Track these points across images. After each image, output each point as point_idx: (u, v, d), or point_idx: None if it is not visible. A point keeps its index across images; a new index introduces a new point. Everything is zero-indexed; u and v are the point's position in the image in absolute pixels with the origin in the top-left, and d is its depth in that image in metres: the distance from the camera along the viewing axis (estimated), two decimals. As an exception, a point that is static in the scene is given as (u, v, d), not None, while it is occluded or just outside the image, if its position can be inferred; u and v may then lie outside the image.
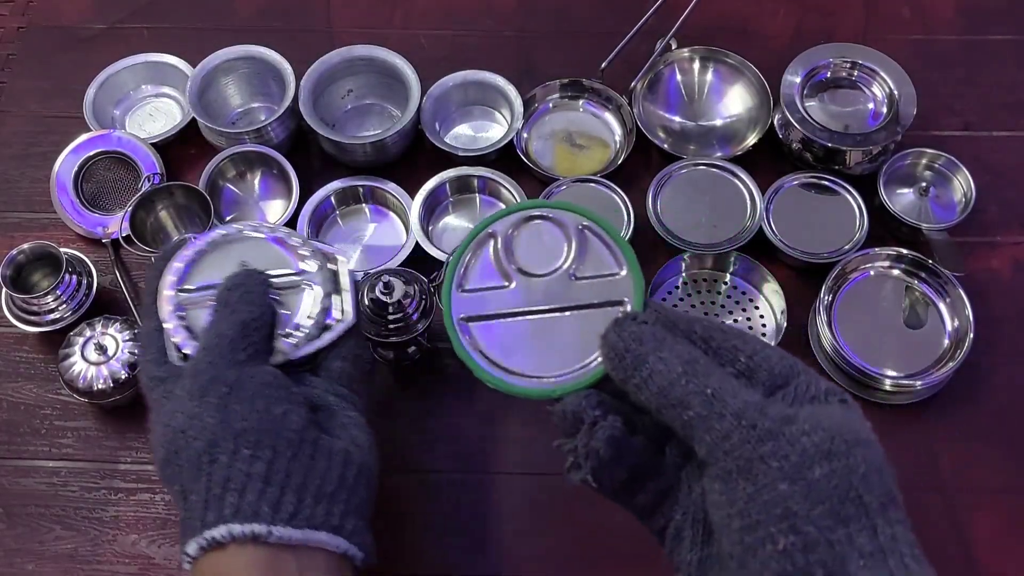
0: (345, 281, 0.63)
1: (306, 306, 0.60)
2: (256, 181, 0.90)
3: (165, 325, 0.57)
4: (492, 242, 0.48)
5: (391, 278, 0.74)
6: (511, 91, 0.92)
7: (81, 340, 0.77)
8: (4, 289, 0.80)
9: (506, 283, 0.48)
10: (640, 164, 0.91)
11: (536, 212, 0.49)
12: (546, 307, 0.47)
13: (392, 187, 0.88)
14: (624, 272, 0.47)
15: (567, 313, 0.47)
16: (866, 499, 0.38)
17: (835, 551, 0.37)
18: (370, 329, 0.75)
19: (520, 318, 0.47)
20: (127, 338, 0.77)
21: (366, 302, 0.75)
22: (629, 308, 0.47)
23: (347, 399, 0.59)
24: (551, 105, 0.95)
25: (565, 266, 0.48)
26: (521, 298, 0.47)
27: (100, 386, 0.76)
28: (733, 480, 0.39)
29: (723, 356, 0.43)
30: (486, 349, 0.48)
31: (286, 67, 0.91)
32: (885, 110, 0.88)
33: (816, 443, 0.39)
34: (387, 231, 0.88)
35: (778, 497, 0.38)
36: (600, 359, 0.44)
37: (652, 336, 0.42)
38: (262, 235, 0.62)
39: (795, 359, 0.44)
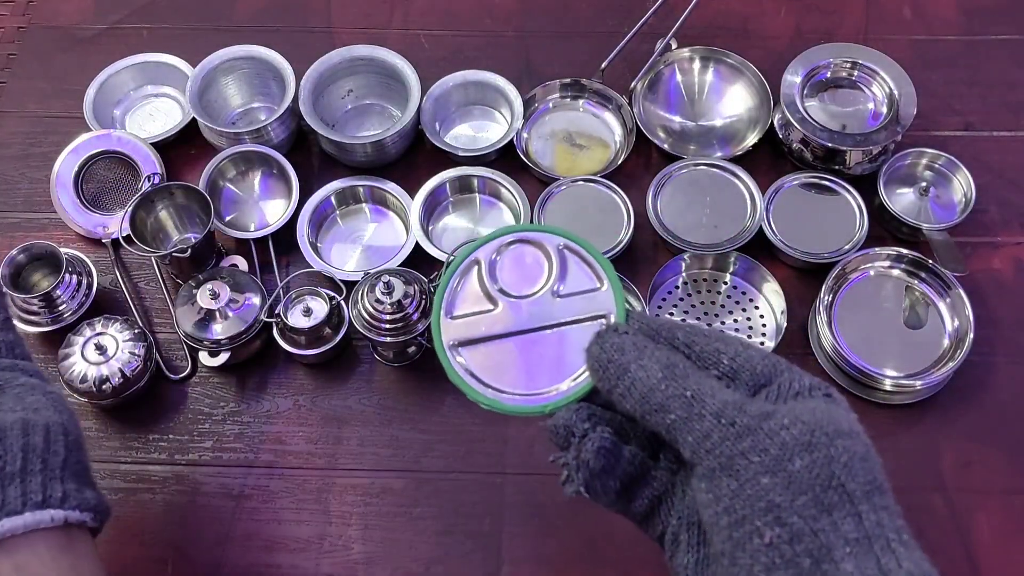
0: None
1: None
2: (256, 181, 0.90)
3: None
4: (476, 268, 0.50)
5: (391, 278, 0.75)
6: (511, 91, 0.92)
7: (81, 340, 0.77)
8: (4, 289, 0.80)
9: (492, 306, 0.49)
10: (640, 164, 0.91)
11: (516, 236, 0.50)
12: (532, 326, 0.48)
13: (392, 187, 0.88)
14: (605, 287, 0.49)
15: (553, 330, 0.48)
16: (849, 487, 0.38)
17: (820, 540, 0.37)
18: (370, 329, 0.75)
19: (508, 339, 0.48)
20: (127, 338, 0.77)
21: (366, 302, 0.75)
22: (612, 320, 0.48)
23: (12, 368, 0.54)
24: (551, 105, 0.95)
25: (548, 285, 0.49)
26: (508, 320, 0.48)
27: (100, 386, 0.76)
28: (717, 478, 0.39)
29: (706, 359, 0.44)
30: (477, 371, 0.48)
31: (286, 67, 0.91)
32: (885, 110, 0.88)
33: (795, 436, 0.39)
34: (387, 231, 0.88)
35: (761, 491, 0.38)
36: (587, 372, 0.46)
37: (633, 345, 0.43)
38: None
39: (778, 358, 0.44)
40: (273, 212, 0.88)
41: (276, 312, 0.78)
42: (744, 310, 0.83)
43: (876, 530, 0.38)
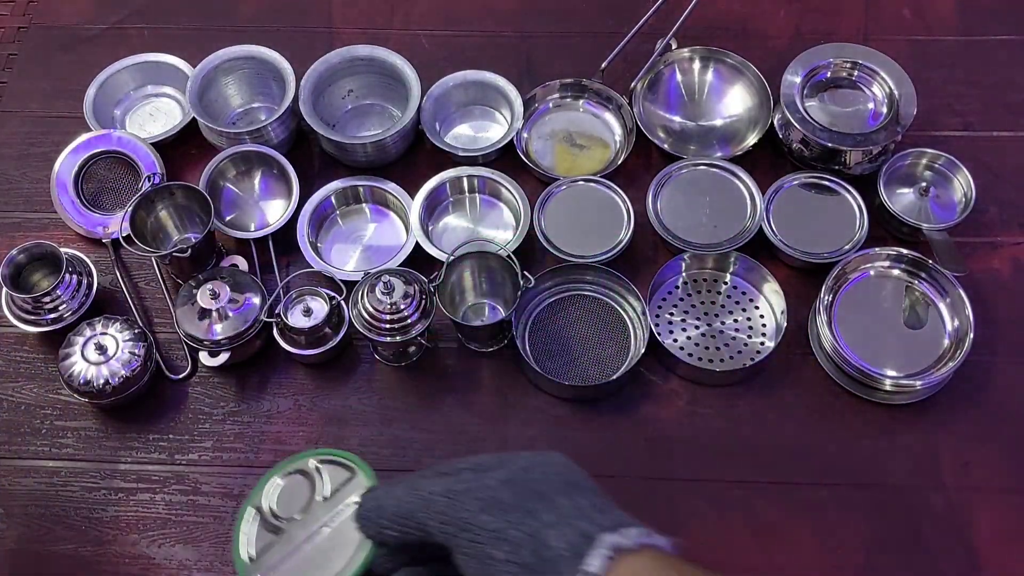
0: None
1: None
2: (256, 181, 0.90)
3: None
4: (258, 515, 0.58)
5: (391, 278, 0.75)
6: (511, 91, 0.92)
7: (81, 340, 0.77)
8: (4, 289, 0.80)
9: (277, 535, 0.57)
10: (640, 164, 0.91)
11: (279, 477, 0.58)
12: (314, 530, 0.56)
13: (392, 187, 0.88)
14: (357, 474, 0.58)
15: (330, 527, 0.56)
16: (545, 490, 0.48)
17: (533, 537, 0.46)
18: (370, 329, 0.75)
19: (299, 550, 0.56)
20: (127, 338, 0.77)
21: (366, 302, 0.75)
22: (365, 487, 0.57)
23: None
24: (551, 105, 0.95)
25: (316, 496, 0.58)
26: (294, 537, 0.56)
27: (100, 386, 0.76)
28: (459, 539, 0.47)
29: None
30: None
31: (286, 67, 0.91)
32: (885, 110, 0.88)
33: (489, 465, 0.51)
34: (387, 231, 0.88)
35: (483, 525, 0.47)
36: (363, 541, 0.54)
37: (383, 492, 0.53)
38: None
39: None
40: (273, 212, 0.88)
41: (276, 312, 0.78)
42: (744, 310, 0.83)
43: (574, 511, 0.47)
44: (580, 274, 0.83)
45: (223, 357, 0.79)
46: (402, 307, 0.74)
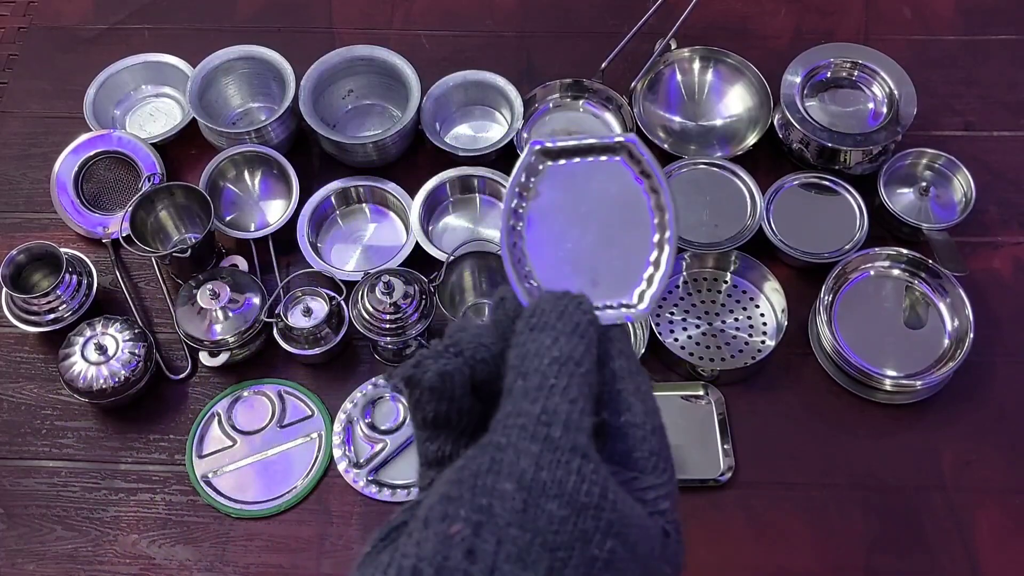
0: None
1: None
2: (256, 181, 0.90)
3: None
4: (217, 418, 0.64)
5: (391, 278, 0.75)
6: (511, 91, 0.92)
7: (81, 340, 0.77)
8: (4, 289, 0.80)
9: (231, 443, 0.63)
10: (640, 164, 0.91)
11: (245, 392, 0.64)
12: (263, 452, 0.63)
13: (392, 187, 0.88)
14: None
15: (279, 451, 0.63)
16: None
17: None
18: (370, 329, 0.75)
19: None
20: (127, 338, 0.77)
21: (366, 302, 0.75)
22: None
23: None
24: (551, 105, 0.95)
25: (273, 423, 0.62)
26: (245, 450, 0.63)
27: (100, 386, 0.76)
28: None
29: None
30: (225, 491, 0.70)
31: (286, 67, 0.91)
32: (885, 110, 0.88)
33: None
34: (387, 231, 0.88)
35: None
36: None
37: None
38: None
39: None
40: (273, 212, 0.88)
41: (276, 312, 0.78)
42: (745, 309, 0.83)
43: None
44: (580, 274, 0.83)
45: (223, 357, 0.79)
46: (402, 307, 0.74)
